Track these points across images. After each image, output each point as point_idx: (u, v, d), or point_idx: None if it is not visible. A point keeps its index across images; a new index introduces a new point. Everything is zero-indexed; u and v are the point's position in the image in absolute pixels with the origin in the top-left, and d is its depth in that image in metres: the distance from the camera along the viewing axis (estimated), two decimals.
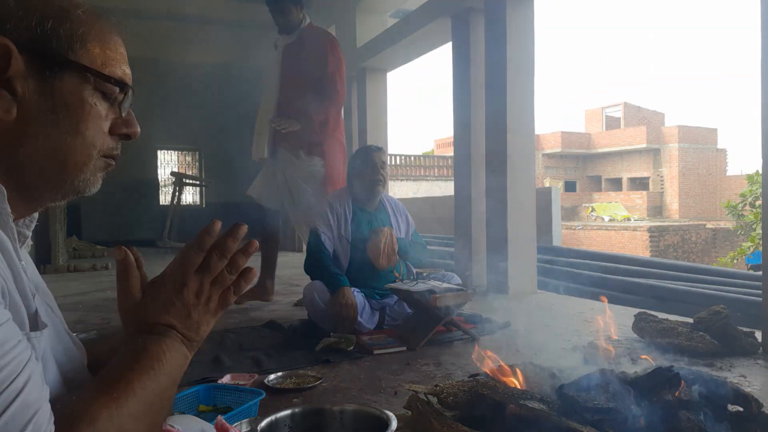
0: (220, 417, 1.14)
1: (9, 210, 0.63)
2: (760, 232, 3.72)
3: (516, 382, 1.57)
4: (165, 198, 11.04)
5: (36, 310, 0.65)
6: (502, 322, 3.00)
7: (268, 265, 3.83)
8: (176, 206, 9.86)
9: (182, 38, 8.57)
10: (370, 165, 2.97)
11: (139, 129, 0.75)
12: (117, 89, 0.70)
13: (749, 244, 13.94)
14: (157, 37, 8.06)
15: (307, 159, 3.60)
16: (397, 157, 20.75)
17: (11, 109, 0.62)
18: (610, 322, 2.50)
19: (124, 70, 0.72)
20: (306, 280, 2.99)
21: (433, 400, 1.51)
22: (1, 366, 0.53)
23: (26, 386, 0.54)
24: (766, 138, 2.45)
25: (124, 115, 0.73)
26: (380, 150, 3.08)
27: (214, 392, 1.81)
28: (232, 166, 10.54)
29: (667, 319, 2.62)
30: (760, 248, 4.67)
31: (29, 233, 0.73)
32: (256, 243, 0.75)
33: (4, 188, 0.63)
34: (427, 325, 2.63)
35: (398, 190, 19.26)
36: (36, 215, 0.74)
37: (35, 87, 0.64)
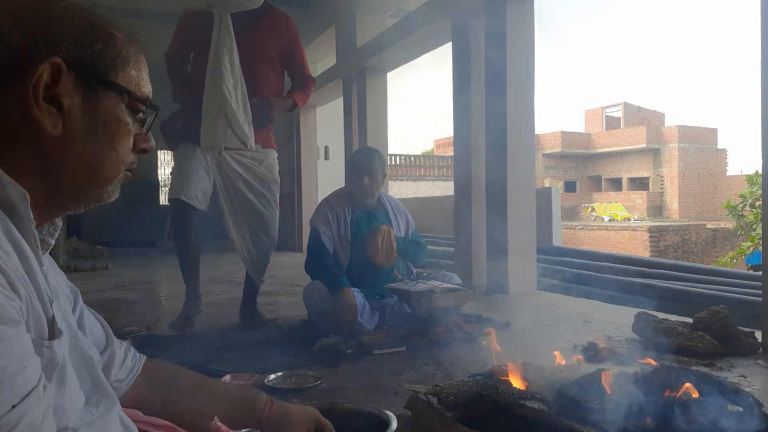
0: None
1: (32, 216, 0.65)
2: (760, 232, 3.72)
3: (516, 382, 1.57)
4: (165, 198, 11.05)
5: (53, 317, 0.65)
6: (502, 322, 3.00)
7: (195, 277, 3.10)
8: None
9: None
10: (359, 175, 2.95)
11: (154, 144, 0.80)
12: (144, 108, 0.76)
13: (749, 244, 13.94)
14: (158, 37, 8.06)
15: (264, 152, 3.15)
16: (397, 157, 20.76)
17: (58, 124, 0.66)
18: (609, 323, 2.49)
19: (149, 89, 0.77)
20: (306, 279, 2.99)
21: (433, 400, 1.51)
22: None
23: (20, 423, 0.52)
24: (766, 138, 2.45)
25: (146, 131, 0.78)
26: (371, 160, 2.94)
27: None
28: None
29: (667, 319, 2.62)
30: (760, 248, 4.67)
31: (52, 241, 0.75)
32: None
33: (27, 194, 0.64)
34: (427, 325, 2.64)
35: (398, 190, 19.27)
36: (59, 223, 0.76)
37: (80, 104, 0.68)
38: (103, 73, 0.69)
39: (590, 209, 25.71)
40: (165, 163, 11.52)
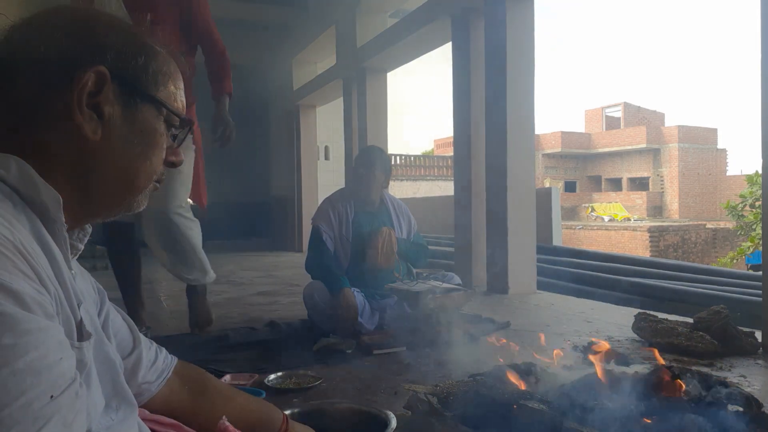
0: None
1: (63, 220, 0.65)
2: (760, 232, 3.73)
3: (516, 382, 1.57)
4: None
5: (81, 320, 0.65)
6: (502, 322, 3.00)
7: (136, 288, 2.85)
8: None
9: None
10: (356, 168, 2.99)
11: (183, 158, 0.83)
12: (179, 123, 0.78)
13: (749, 244, 13.95)
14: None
15: None
16: (397, 157, 20.73)
17: (98, 131, 0.68)
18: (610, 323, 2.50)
19: (183, 104, 0.80)
20: (306, 279, 2.99)
21: (433, 400, 1.51)
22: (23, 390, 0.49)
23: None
24: (766, 138, 2.45)
25: (177, 146, 0.81)
26: (371, 155, 2.98)
27: None
28: (232, 166, 10.56)
29: (667, 319, 2.62)
30: (760, 248, 4.67)
31: (81, 246, 0.76)
32: None
33: (60, 197, 0.64)
34: (427, 325, 2.63)
35: (398, 190, 19.25)
36: (89, 229, 0.77)
37: (120, 113, 0.70)
38: (144, 86, 0.72)
39: (590, 209, 25.71)
40: None
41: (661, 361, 1.75)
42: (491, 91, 4.27)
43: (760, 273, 2.80)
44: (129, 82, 0.70)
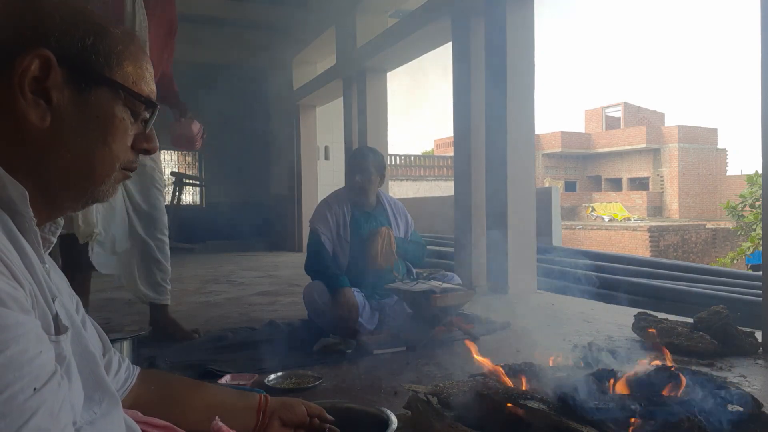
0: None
1: (32, 214, 0.64)
2: (760, 232, 3.72)
3: (516, 382, 1.57)
4: (167, 199, 11.07)
5: (57, 313, 0.65)
6: (502, 322, 3.00)
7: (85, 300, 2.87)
8: (176, 206, 9.87)
9: (182, 38, 8.58)
10: (351, 172, 2.99)
11: (158, 145, 0.78)
12: (144, 106, 0.74)
13: (749, 244, 13.95)
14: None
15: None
16: (397, 157, 20.73)
17: (45, 117, 0.65)
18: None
19: (151, 88, 0.76)
20: (306, 279, 2.99)
21: (433, 400, 1.51)
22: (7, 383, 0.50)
23: (38, 412, 0.52)
24: (766, 138, 2.45)
25: (147, 131, 0.76)
26: (365, 158, 2.98)
27: None
28: (232, 166, 10.56)
29: (667, 319, 2.62)
30: (760, 248, 4.67)
31: (54, 239, 0.75)
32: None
33: (26, 191, 0.63)
34: (427, 325, 2.63)
35: (398, 190, 19.25)
36: (61, 222, 0.76)
37: (70, 98, 0.67)
38: (95, 68, 0.68)
39: (590, 209, 25.71)
40: (165, 164, 11.54)
41: (669, 361, 1.74)
42: (491, 91, 4.27)
43: (760, 273, 2.80)
44: (78, 65, 0.66)
